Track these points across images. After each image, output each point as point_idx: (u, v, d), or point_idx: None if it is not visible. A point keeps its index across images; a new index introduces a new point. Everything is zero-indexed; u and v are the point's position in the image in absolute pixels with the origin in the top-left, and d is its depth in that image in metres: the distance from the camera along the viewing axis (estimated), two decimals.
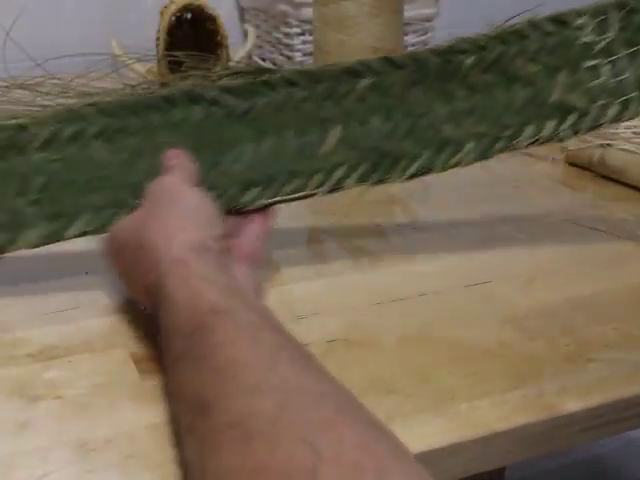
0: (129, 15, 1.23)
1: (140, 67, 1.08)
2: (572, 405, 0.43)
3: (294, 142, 0.54)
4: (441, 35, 1.25)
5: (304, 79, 0.55)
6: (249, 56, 1.20)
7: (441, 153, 0.55)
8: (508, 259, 0.61)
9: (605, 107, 0.56)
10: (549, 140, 0.56)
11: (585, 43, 0.57)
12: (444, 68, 0.56)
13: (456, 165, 0.55)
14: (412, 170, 0.55)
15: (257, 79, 0.54)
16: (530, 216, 0.70)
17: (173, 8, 1.07)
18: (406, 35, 1.11)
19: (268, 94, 0.54)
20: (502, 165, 0.71)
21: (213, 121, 0.54)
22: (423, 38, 1.20)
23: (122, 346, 0.48)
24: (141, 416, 0.42)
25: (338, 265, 0.59)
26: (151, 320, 0.44)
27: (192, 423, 0.36)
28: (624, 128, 0.76)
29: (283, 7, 1.14)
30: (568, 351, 0.48)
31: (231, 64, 1.09)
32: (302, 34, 1.13)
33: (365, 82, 0.55)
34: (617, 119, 0.57)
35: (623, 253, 0.62)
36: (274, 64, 1.18)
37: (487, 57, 0.56)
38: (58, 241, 0.52)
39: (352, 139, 0.54)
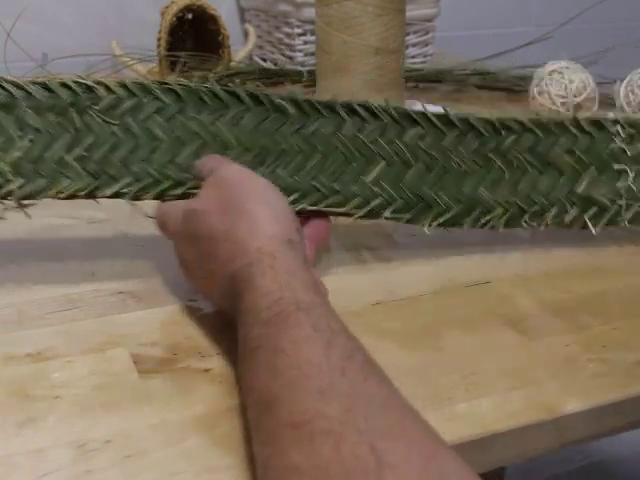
0: (129, 16, 1.23)
1: (141, 67, 1.08)
2: (572, 405, 0.43)
3: (341, 165, 0.57)
4: (442, 36, 1.25)
5: (365, 112, 0.58)
6: (250, 56, 1.20)
7: (471, 212, 0.59)
8: (509, 259, 0.61)
9: (626, 208, 0.61)
10: (572, 225, 0.60)
11: (619, 148, 0.62)
12: (490, 138, 0.60)
13: (484, 226, 0.59)
14: (443, 219, 0.58)
15: (321, 100, 0.58)
16: None
17: (174, 8, 1.07)
18: (407, 35, 1.11)
19: (327, 116, 0.58)
20: None
21: (271, 125, 0.56)
22: (424, 38, 1.20)
23: (122, 346, 0.48)
24: (141, 416, 0.42)
25: (339, 265, 0.59)
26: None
27: (258, 418, 0.36)
28: None
29: (284, 7, 1.13)
30: (568, 351, 0.48)
31: (232, 64, 1.09)
32: (303, 34, 1.13)
33: (417, 131, 0.59)
34: (636, 221, 0.61)
35: (624, 253, 0.62)
36: (275, 64, 1.18)
37: (528, 139, 0.61)
38: (91, 197, 0.53)
39: (393, 177, 0.58)
